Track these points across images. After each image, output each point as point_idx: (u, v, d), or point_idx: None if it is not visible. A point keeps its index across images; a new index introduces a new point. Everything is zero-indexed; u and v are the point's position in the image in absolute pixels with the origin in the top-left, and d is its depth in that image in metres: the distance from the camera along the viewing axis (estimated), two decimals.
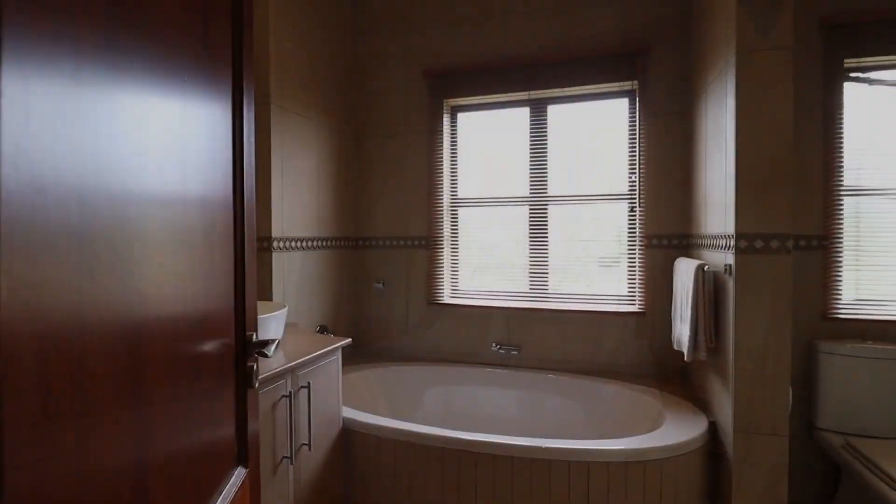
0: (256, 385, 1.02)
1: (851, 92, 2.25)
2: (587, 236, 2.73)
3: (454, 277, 2.94)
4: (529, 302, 2.76)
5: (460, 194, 2.94)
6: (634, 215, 2.60)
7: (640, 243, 2.56)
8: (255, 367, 1.01)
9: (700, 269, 1.90)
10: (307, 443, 1.69)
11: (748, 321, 1.68)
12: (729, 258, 1.75)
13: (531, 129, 2.79)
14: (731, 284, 1.73)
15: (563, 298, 2.73)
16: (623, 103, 2.65)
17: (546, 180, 2.77)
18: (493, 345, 2.74)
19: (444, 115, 2.89)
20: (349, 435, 2.00)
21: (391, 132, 2.98)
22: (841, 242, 2.23)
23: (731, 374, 1.72)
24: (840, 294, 2.24)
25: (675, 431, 1.84)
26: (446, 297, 2.91)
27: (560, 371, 2.64)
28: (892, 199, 2.27)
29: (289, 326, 2.25)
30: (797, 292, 2.24)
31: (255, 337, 1.02)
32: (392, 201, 2.99)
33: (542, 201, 2.77)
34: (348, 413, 2.06)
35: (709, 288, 1.90)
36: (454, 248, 2.94)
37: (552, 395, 2.55)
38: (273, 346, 1.00)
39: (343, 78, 2.92)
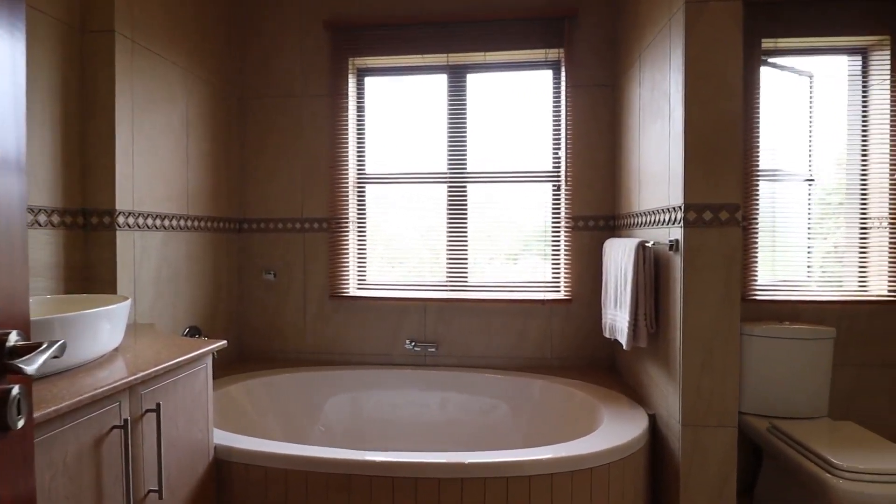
0: (21, 425, 0.57)
1: (767, 74, 2.25)
2: (510, 218, 2.49)
3: (361, 266, 2.54)
4: (448, 292, 2.45)
5: (369, 170, 2.55)
6: (559, 195, 2.40)
7: (566, 225, 2.37)
8: (15, 393, 0.56)
9: (641, 247, 1.72)
10: (156, 489, 1.20)
11: (697, 302, 1.52)
12: (675, 233, 1.58)
13: (450, 99, 2.48)
14: (677, 262, 1.56)
15: (484, 288, 2.46)
16: (547, 75, 2.45)
17: (465, 157, 2.48)
18: (408, 342, 2.39)
19: (350, 77, 2.48)
20: (225, 469, 1.52)
21: (285, 93, 2.50)
22: (758, 224, 2.23)
23: (678, 362, 1.55)
24: (757, 275, 2.23)
25: (617, 430, 1.64)
26: (352, 288, 2.50)
27: (483, 368, 2.36)
28: (800, 182, 2.31)
29: (141, 328, 1.70)
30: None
31: (12, 341, 0.56)
32: (286, 176, 2.50)
33: (461, 179, 2.47)
34: (224, 439, 1.58)
35: (649, 268, 1.73)
36: (361, 232, 2.54)
37: (476, 395, 2.26)
38: (46, 355, 0.55)
39: (225, 19, 2.38)
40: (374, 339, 2.45)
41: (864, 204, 2.25)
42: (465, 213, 2.47)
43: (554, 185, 2.42)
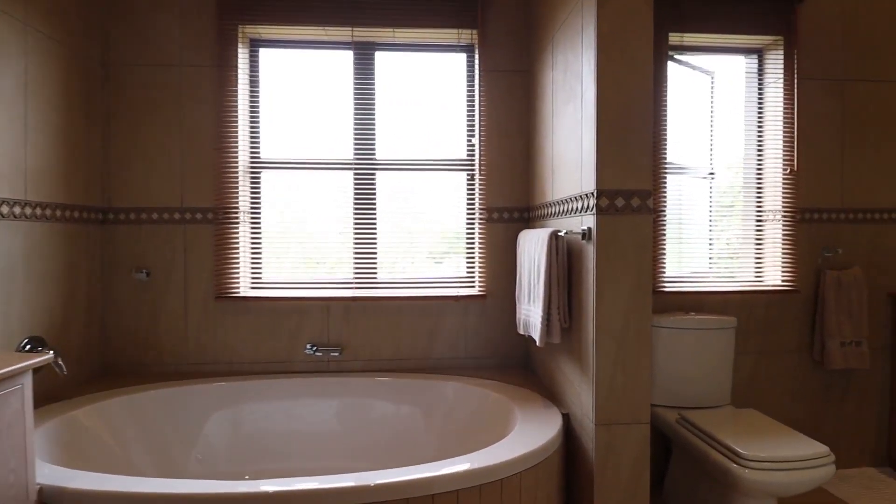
0: None
1: (674, 70, 2.27)
2: (423, 210, 2.32)
3: (256, 263, 2.24)
4: (355, 290, 2.23)
5: (264, 155, 2.26)
6: (474, 185, 2.28)
7: (481, 217, 2.24)
8: None
9: (553, 236, 1.62)
10: None
11: (610, 293, 1.44)
12: (588, 221, 1.49)
13: (356, 79, 2.26)
14: (590, 252, 1.47)
15: (395, 284, 2.27)
16: (461, 59, 2.31)
17: (374, 143, 2.27)
18: (308, 347, 2.14)
19: (240, 47, 2.18)
20: None
21: (161, 60, 2.14)
22: (666, 216, 2.24)
23: (591, 357, 1.46)
24: (665, 267, 2.24)
25: (530, 434, 1.52)
26: (244, 288, 2.20)
27: (393, 371, 2.17)
28: (702, 177, 2.37)
29: None
30: None
31: None
32: (162, 158, 2.15)
33: (369, 167, 2.26)
34: (55, 478, 1.25)
35: (562, 259, 1.63)
36: (255, 225, 2.24)
37: (384, 401, 2.06)
38: None
39: None
40: (269, 345, 2.17)
41: (760, 198, 2.34)
42: (374, 205, 2.27)
43: (469, 175, 2.29)
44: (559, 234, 1.61)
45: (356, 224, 2.26)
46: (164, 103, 2.14)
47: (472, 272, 2.28)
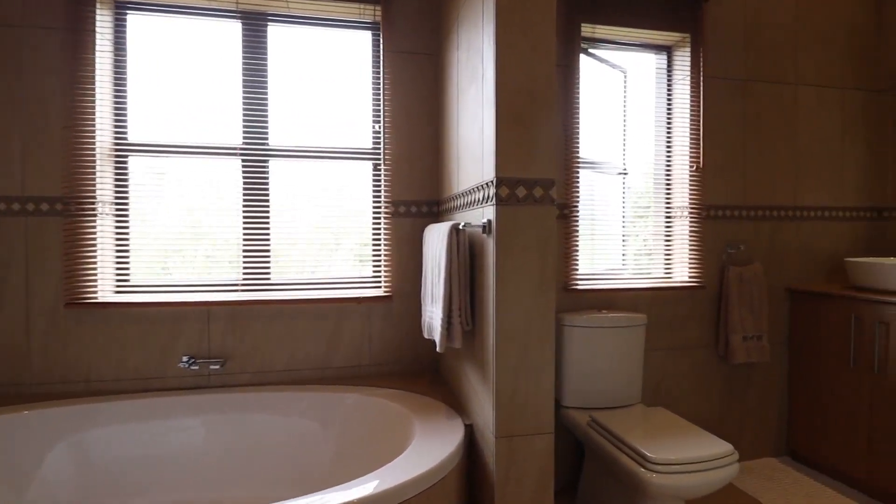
0: None
1: (588, 65, 2.21)
2: (324, 204, 2.10)
3: (122, 263, 1.92)
4: (243, 293, 1.97)
5: (133, 137, 1.94)
6: (379, 177, 2.09)
7: (386, 212, 2.06)
8: None
9: (454, 230, 1.47)
10: None
11: (511, 292, 1.30)
12: (488, 213, 1.35)
13: (246, 55, 2.00)
14: (490, 246, 1.33)
15: (290, 286, 2.03)
16: (366, 38, 2.12)
17: (266, 127, 2.02)
18: (183, 359, 1.85)
19: (101, 10, 1.85)
20: None
21: None
22: (578, 212, 2.17)
23: (492, 362, 1.32)
24: (578, 265, 2.17)
25: (429, 450, 1.36)
26: (105, 292, 1.87)
27: (285, 384, 1.93)
28: (615, 174, 2.33)
29: None
30: None
31: None
32: None
33: (260, 154, 2.01)
34: None
35: (464, 254, 1.49)
36: (122, 219, 1.92)
37: (274, 417, 1.82)
38: None
39: None
40: (137, 359, 1.86)
41: (669, 195, 2.35)
42: (267, 197, 2.02)
43: (374, 166, 2.10)
44: (459, 227, 1.46)
45: (246, 219, 2.00)
46: (1, 71, 1.77)
47: (378, 271, 2.09)
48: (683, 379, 2.26)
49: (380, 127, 2.06)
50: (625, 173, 2.37)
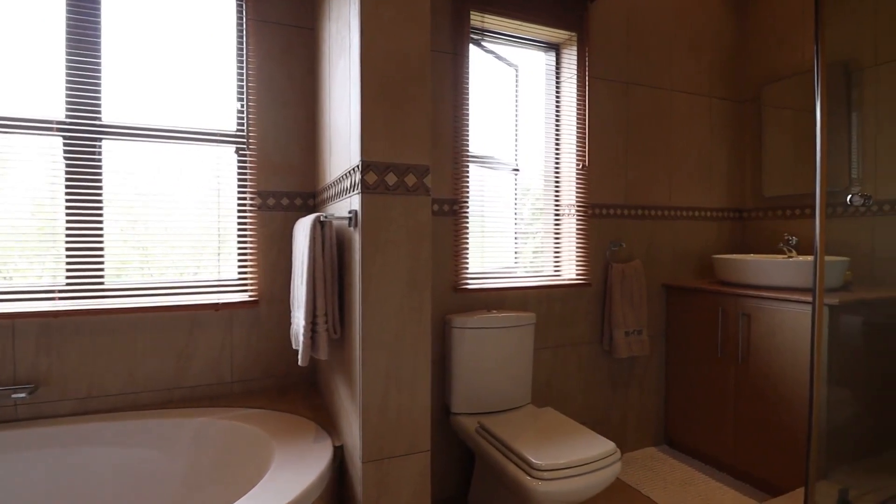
0: None
1: (480, 60, 2.13)
2: (174, 194, 1.78)
3: None
4: (65, 302, 1.59)
5: None
6: (245, 164, 1.82)
7: (253, 204, 1.80)
8: None
9: (317, 223, 1.27)
10: None
11: (379, 292, 1.14)
12: (355, 202, 1.18)
13: (70, 11, 1.63)
14: (356, 241, 1.16)
15: (130, 292, 1.69)
16: (229, 4, 1.84)
17: (99, 99, 1.66)
18: None
19: None
20: None
21: None
22: (468, 209, 2.07)
23: (358, 374, 1.14)
24: (468, 263, 2.07)
25: (287, 481, 1.14)
26: None
27: (121, 411, 1.60)
28: (507, 171, 2.28)
29: None
30: (431, 263, 1.95)
31: None
32: None
33: (90, 132, 1.65)
34: None
35: (330, 251, 1.30)
36: None
37: (106, 450, 1.48)
38: None
39: None
40: None
41: (559, 193, 2.34)
42: (100, 184, 1.66)
43: (238, 150, 1.83)
44: (323, 219, 1.26)
45: (70, 212, 1.62)
46: None
47: (244, 273, 1.82)
48: (572, 376, 2.26)
49: (244, 106, 1.79)
50: (517, 170, 2.33)
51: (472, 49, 2.14)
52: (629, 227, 2.39)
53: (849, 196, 1.95)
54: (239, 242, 1.82)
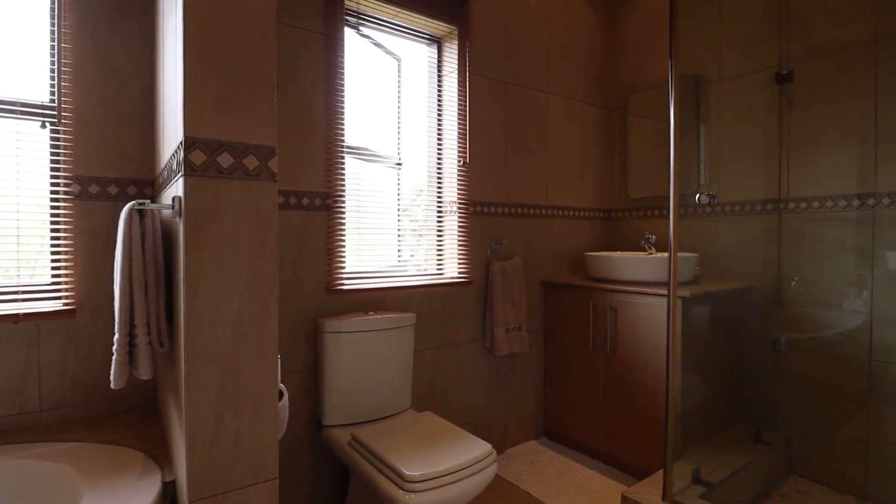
0: None
1: (359, 48, 1.98)
2: None
3: None
4: None
5: None
6: (59, 142, 1.49)
7: (68, 192, 1.48)
8: None
9: (133, 212, 1.04)
10: None
11: (211, 296, 0.95)
12: (179, 187, 0.98)
13: None
14: (181, 234, 0.96)
15: None
16: None
17: None
18: None
19: None
20: None
21: None
22: (344, 204, 1.92)
23: (182, 395, 0.94)
24: (344, 262, 1.92)
25: None
26: None
27: None
28: (389, 166, 2.16)
29: None
30: (299, 262, 1.77)
31: None
32: None
33: None
34: None
35: (152, 247, 1.07)
36: None
37: None
38: None
39: None
40: None
41: (441, 190, 2.28)
42: None
43: (51, 126, 1.49)
44: (139, 206, 1.04)
45: None
46: None
47: (58, 276, 1.49)
48: (454, 376, 2.21)
49: (54, 73, 1.46)
50: (400, 164, 2.22)
51: (349, 33, 2.00)
52: (509, 225, 2.40)
53: (697, 195, 2.13)
54: (52, 238, 1.48)
